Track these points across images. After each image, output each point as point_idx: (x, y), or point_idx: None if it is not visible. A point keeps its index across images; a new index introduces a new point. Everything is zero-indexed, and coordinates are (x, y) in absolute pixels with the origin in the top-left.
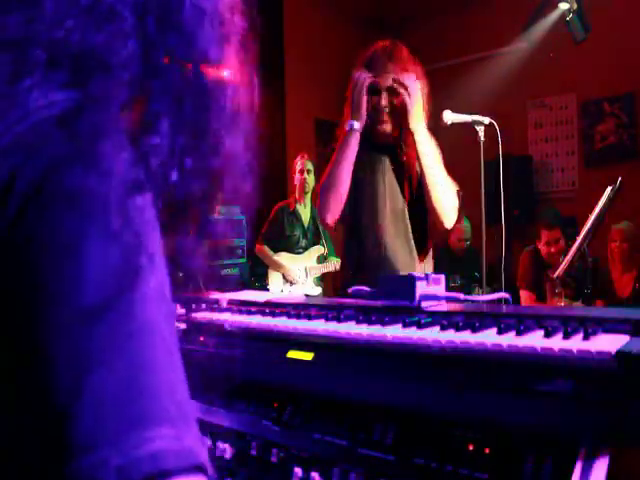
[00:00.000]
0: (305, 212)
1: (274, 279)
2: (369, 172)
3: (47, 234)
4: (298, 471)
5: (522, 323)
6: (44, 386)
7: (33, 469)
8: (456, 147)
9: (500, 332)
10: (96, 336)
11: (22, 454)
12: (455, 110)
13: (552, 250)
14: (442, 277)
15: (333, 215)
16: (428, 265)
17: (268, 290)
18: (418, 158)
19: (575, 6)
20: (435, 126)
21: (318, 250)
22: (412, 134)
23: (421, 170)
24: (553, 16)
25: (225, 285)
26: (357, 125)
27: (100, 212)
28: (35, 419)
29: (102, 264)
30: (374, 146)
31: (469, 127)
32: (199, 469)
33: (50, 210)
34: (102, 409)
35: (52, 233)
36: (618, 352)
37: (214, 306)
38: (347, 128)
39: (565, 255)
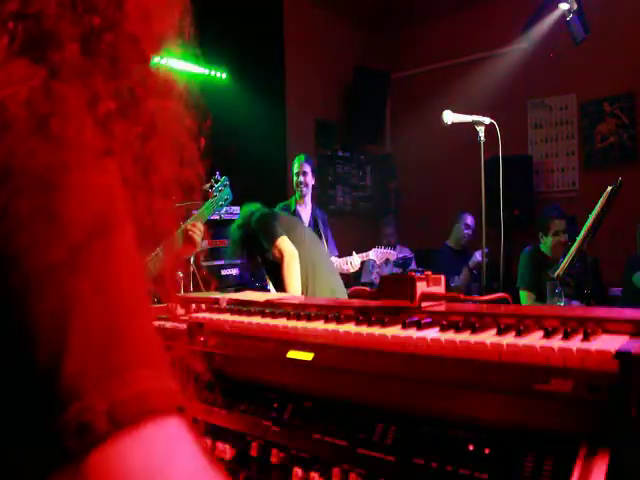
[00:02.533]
0: (305, 212)
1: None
2: None
3: (22, 206)
4: (298, 471)
5: (522, 323)
6: (26, 339)
7: (23, 423)
8: (456, 147)
9: (500, 332)
10: (74, 285)
11: (10, 410)
12: (455, 110)
13: (561, 240)
14: (442, 277)
15: None
16: None
17: (268, 290)
18: None
19: (575, 6)
20: (436, 126)
21: None
22: None
23: None
24: (553, 16)
25: (225, 285)
26: None
27: (70, 180)
28: (19, 372)
29: (77, 212)
30: None
31: (469, 127)
32: (180, 409)
33: (23, 189)
34: (86, 356)
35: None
36: (618, 352)
37: (214, 306)
38: None
39: (565, 255)
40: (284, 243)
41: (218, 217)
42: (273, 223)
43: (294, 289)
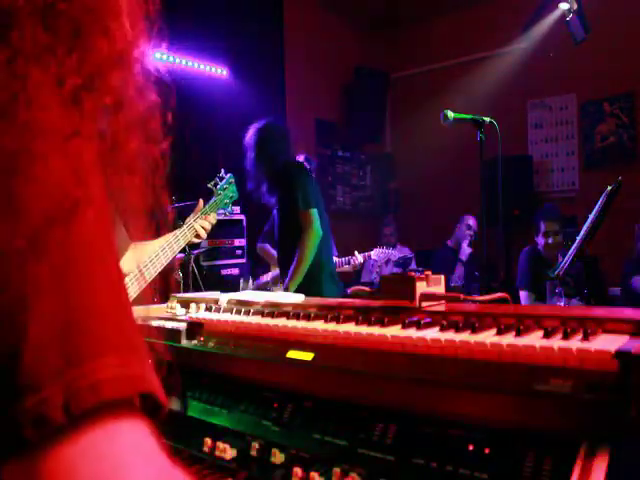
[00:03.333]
0: None
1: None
2: None
3: None
4: (298, 471)
5: (522, 323)
6: None
7: None
8: (456, 147)
9: (500, 332)
10: (32, 273)
11: None
12: (455, 110)
13: (549, 242)
14: (442, 277)
15: None
16: None
17: (268, 290)
18: None
19: (575, 6)
20: (436, 126)
21: None
22: None
23: None
24: (553, 16)
25: (225, 285)
26: None
27: (32, 166)
28: None
29: (37, 197)
30: None
31: (469, 127)
32: (147, 396)
33: None
34: (46, 344)
35: None
36: (618, 352)
37: (214, 306)
38: None
39: (565, 255)
40: (315, 218)
41: (224, 215)
42: (312, 186)
43: (302, 270)
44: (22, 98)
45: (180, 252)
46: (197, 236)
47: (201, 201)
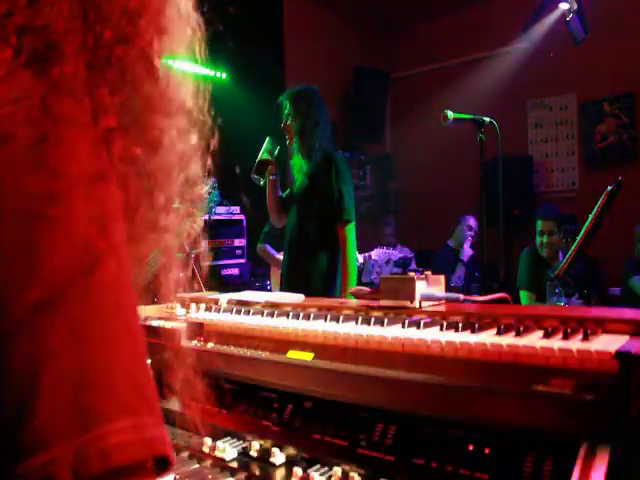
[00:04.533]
0: None
1: (275, 279)
2: None
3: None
4: (298, 471)
5: (522, 323)
6: None
7: None
8: (456, 147)
9: (500, 332)
10: (50, 328)
11: None
12: (455, 110)
13: (544, 240)
14: (442, 277)
15: None
16: None
17: (269, 290)
18: None
19: (575, 6)
20: (436, 126)
21: None
22: None
23: None
24: (553, 16)
25: (225, 285)
26: None
27: (56, 212)
28: None
29: (60, 247)
30: None
31: (469, 127)
32: (160, 460)
33: (5, 220)
34: (57, 405)
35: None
36: (618, 352)
37: (214, 306)
38: None
39: (565, 255)
40: (354, 233)
41: (207, 217)
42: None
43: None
44: (52, 137)
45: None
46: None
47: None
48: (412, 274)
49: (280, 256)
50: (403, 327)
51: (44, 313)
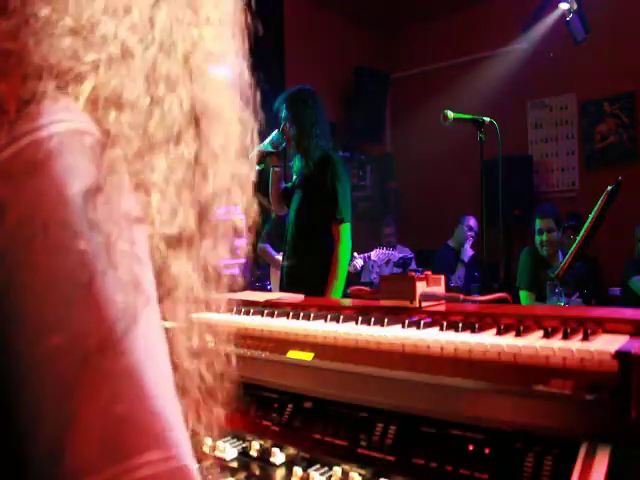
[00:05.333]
0: None
1: (275, 279)
2: None
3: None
4: (298, 471)
5: (522, 323)
6: (31, 419)
7: None
8: (456, 147)
9: (500, 332)
10: (87, 375)
11: None
12: (455, 110)
13: (544, 239)
14: (442, 277)
15: None
16: None
17: (269, 290)
18: None
19: (575, 6)
20: (436, 126)
21: None
22: None
23: None
24: (553, 16)
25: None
26: None
27: (94, 256)
28: (21, 452)
29: (99, 308)
30: None
31: (469, 127)
32: None
33: (39, 256)
34: (90, 439)
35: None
36: (618, 352)
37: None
38: None
39: (565, 255)
40: (349, 232)
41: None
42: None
43: (338, 286)
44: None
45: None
46: None
47: None
48: (412, 274)
49: (280, 257)
50: (403, 327)
51: (86, 362)
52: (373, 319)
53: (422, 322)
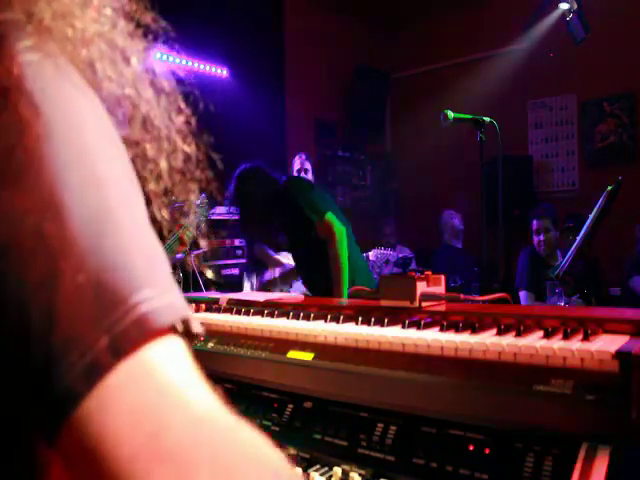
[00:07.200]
0: None
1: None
2: None
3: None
4: (298, 471)
5: (522, 323)
6: (16, 296)
7: (25, 380)
8: (456, 147)
9: (500, 332)
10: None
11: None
12: (455, 110)
13: (541, 238)
14: (442, 277)
15: None
16: None
17: (269, 290)
18: None
19: (575, 6)
20: (436, 126)
21: None
22: None
23: None
24: (553, 16)
25: (225, 285)
26: None
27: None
28: (14, 328)
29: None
30: None
31: (469, 127)
32: (184, 321)
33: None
34: (80, 296)
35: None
36: (618, 352)
37: (214, 306)
38: None
39: (565, 255)
40: (333, 219)
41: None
42: (319, 194)
43: (344, 277)
44: None
45: (180, 253)
46: (183, 244)
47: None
48: (412, 274)
49: (278, 256)
50: (403, 327)
51: (45, 219)
52: (373, 319)
53: (422, 322)
